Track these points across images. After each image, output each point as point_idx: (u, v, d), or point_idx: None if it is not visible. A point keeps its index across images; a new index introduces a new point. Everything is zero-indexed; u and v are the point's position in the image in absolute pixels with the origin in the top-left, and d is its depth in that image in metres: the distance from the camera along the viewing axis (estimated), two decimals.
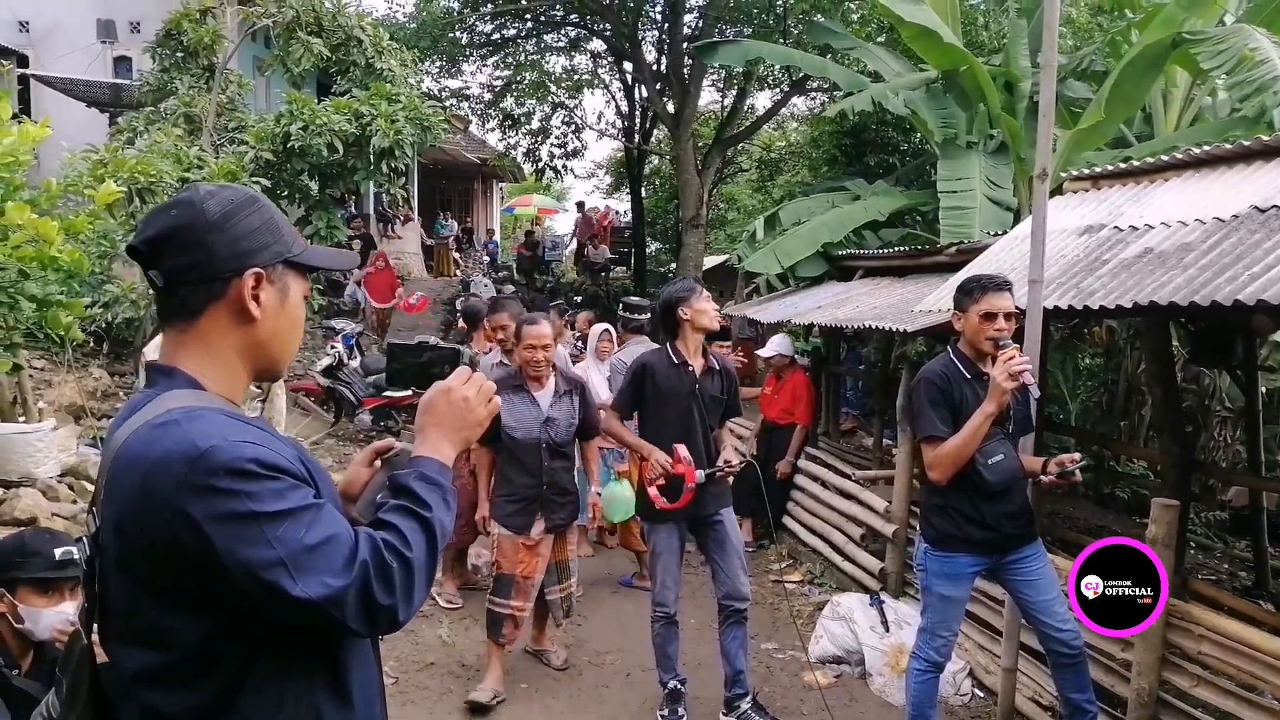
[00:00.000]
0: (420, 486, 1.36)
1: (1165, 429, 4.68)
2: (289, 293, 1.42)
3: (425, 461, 1.41)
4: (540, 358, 4.19)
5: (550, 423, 4.26)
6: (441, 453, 1.44)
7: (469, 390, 1.49)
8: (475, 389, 1.49)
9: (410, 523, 1.31)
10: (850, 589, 5.77)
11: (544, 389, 4.31)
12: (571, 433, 4.35)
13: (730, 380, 4.21)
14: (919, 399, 3.40)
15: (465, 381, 1.49)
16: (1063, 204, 5.02)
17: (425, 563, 1.29)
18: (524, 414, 4.24)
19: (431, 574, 1.32)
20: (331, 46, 6.83)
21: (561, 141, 19.88)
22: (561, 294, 18.31)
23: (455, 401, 1.47)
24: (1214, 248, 3.57)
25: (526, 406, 4.25)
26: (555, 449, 4.29)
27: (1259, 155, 4.09)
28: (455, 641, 5.13)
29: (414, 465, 1.41)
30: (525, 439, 4.23)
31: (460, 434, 1.48)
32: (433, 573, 1.33)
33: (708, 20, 15.47)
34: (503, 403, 3.79)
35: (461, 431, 1.48)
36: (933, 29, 8.22)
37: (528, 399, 4.26)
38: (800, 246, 8.26)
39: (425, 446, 1.44)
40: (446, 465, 1.43)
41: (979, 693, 4.53)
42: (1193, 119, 9.15)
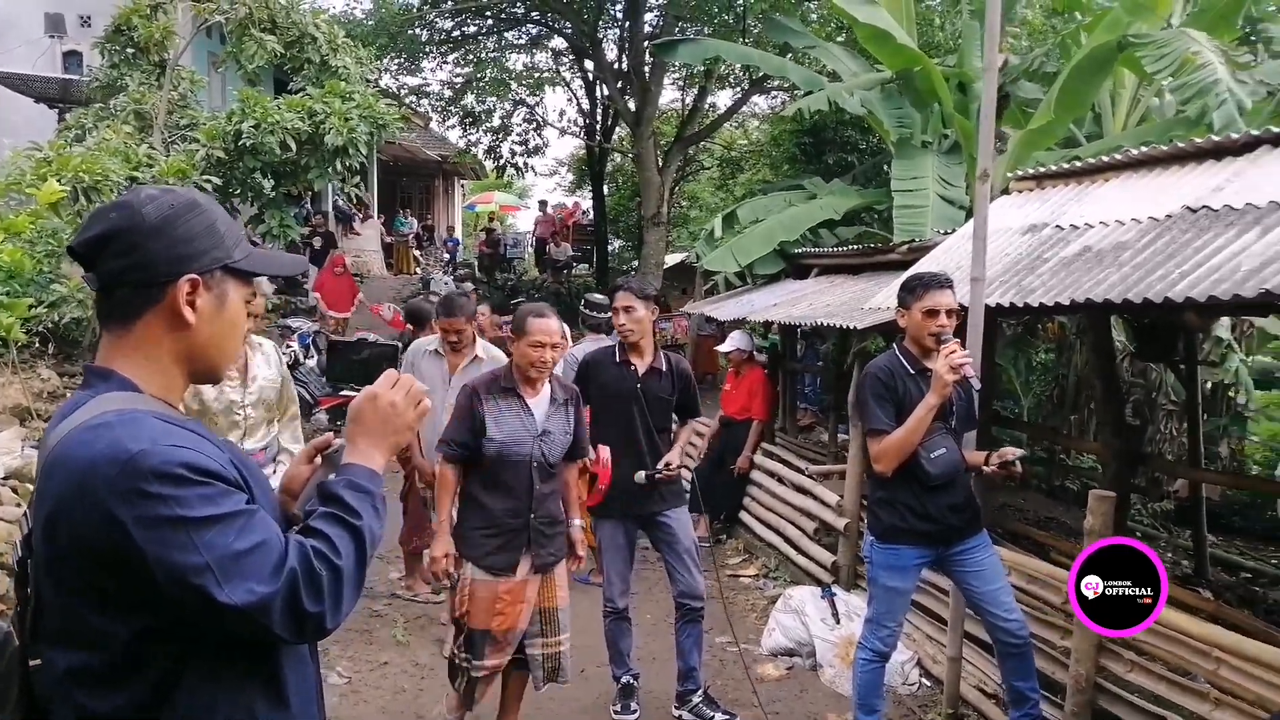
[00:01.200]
0: (349, 494, 1.36)
1: (1107, 423, 4.81)
2: (228, 298, 1.42)
3: (355, 469, 1.42)
4: (549, 358, 3.43)
5: (545, 437, 3.48)
6: (371, 460, 1.44)
7: (396, 395, 1.48)
8: (403, 393, 1.49)
9: (340, 530, 1.32)
10: (804, 582, 5.85)
11: (538, 395, 3.53)
12: (565, 450, 3.60)
13: (683, 380, 4.20)
14: (864, 394, 3.48)
15: (392, 385, 1.49)
16: (1008, 203, 5.14)
17: (354, 570, 1.30)
18: (513, 424, 3.44)
19: (361, 581, 1.33)
20: (285, 44, 6.76)
21: (523, 139, 19.80)
22: (523, 291, 18.27)
23: (382, 407, 1.47)
24: (1148, 246, 3.68)
25: (517, 415, 3.46)
26: (547, 469, 3.51)
27: (1192, 157, 4.22)
28: (409, 641, 5.13)
29: (343, 473, 1.41)
30: (513, 455, 3.42)
31: (390, 439, 1.48)
32: (362, 580, 1.33)
33: (668, 19, 15.51)
34: (488, 409, 3.41)
35: (391, 437, 1.48)
36: (887, 30, 8.33)
37: (519, 406, 3.47)
38: (757, 245, 8.33)
39: (355, 454, 1.44)
40: (377, 472, 1.43)
41: (926, 682, 4.63)
42: (1140, 119, 9.36)
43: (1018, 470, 3.51)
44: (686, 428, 4.33)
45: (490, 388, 3.51)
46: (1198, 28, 7.73)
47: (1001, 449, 3.49)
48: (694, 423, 4.45)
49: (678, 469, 4.00)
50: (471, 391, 3.49)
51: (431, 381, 4.80)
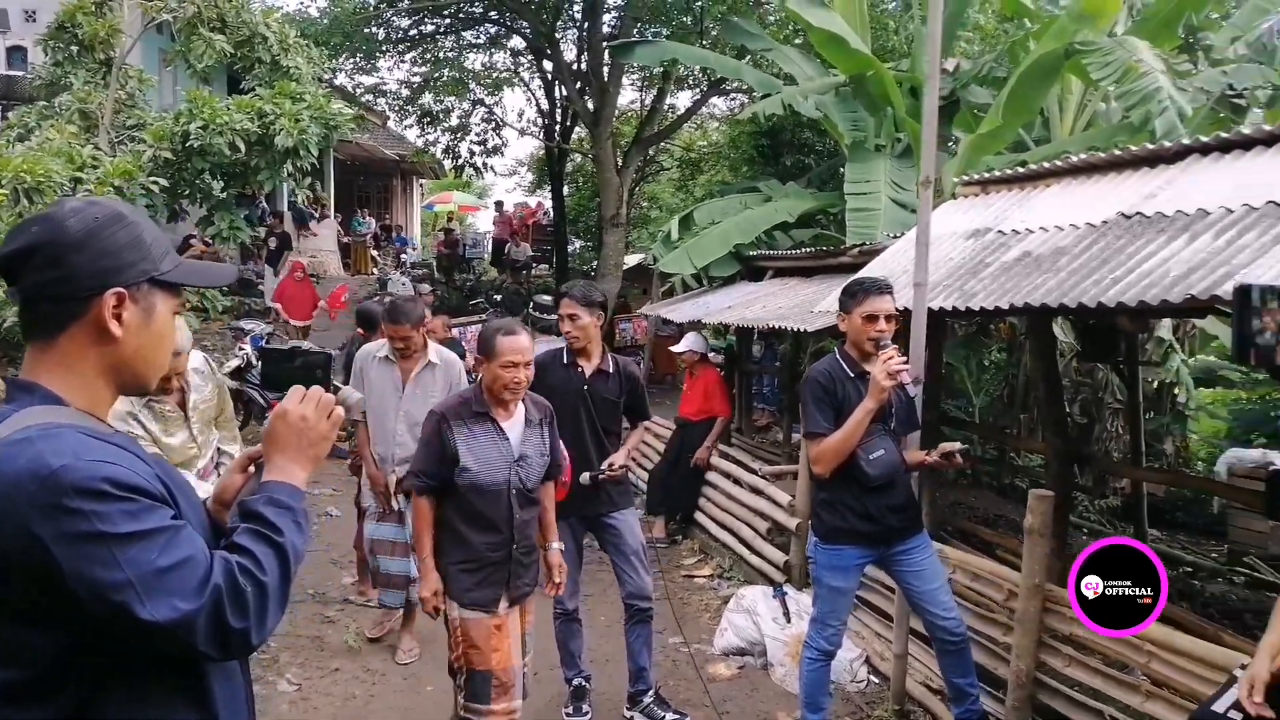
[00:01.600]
0: (270, 511, 1.37)
1: (1050, 423, 4.92)
2: (155, 310, 1.41)
3: (274, 486, 1.42)
4: (523, 379, 3.22)
5: (522, 462, 3.30)
6: (291, 476, 1.45)
7: (306, 409, 1.49)
8: (313, 405, 1.50)
9: (263, 547, 1.33)
10: (758, 582, 5.90)
11: (512, 418, 3.33)
12: (543, 474, 3.43)
13: (630, 382, 4.22)
14: (804, 397, 3.53)
15: (301, 400, 1.50)
16: (953, 208, 5.23)
17: (279, 586, 1.31)
18: (488, 451, 3.25)
19: (285, 597, 1.34)
20: (235, 43, 6.66)
21: (482, 139, 19.72)
22: (481, 292, 18.19)
23: (294, 423, 1.48)
24: (1085, 251, 3.77)
25: (492, 441, 3.26)
26: (526, 495, 3.32)
27: (1128, 165, 4.34)
28: (361, 647, 5.10)
29: (263, 491, 1.42)
30: (490, 484, 3.23)
31: (307, 453, 1.48)
32: (286, 596, 1.34)
33: (626, 20, 15.52)
34: (459, 436, 3.20)
35: (308, 450, 1.49)
36: (840, 35, 8.43)
37: (493, 431, 3.27)
38: (713, 247, 8.40)
39: (274, 471, 1.45)
40: (297, 488, 1.44)
41: (874, 679, 4.70)
42: (1086, 124, 9.57)
43: (959, 461, 3.60)
44: (637, 431, 4.36)
45: (460, 412, 3.28)
46: (1140, 36, 7.92)
47: (943, 444, 3.58)
48: (644, 425, 4.47)
49: (620, 469, 4.03)
50: (440, 418, 3.26)
51: (383, 388, 4.75)
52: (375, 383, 4.77)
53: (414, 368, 4.76)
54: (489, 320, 5.17)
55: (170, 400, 3.64)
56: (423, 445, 3.34)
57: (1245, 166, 3.72)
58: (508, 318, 4.07)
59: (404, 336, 4.65)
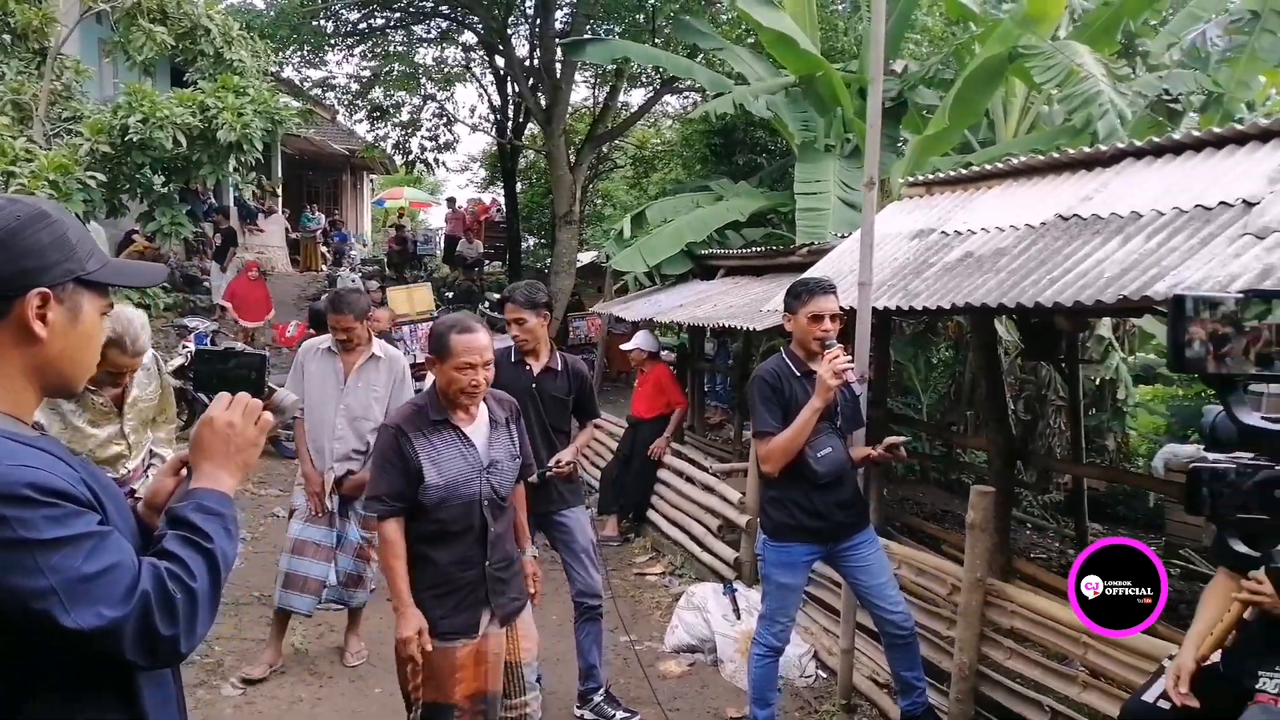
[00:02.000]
0: (199, 517, 1.36)
1: (991, 420, 5.02)
2: (81, 311, 1.38)
3: (202, 493, 1.42)
4: (481, 380, 2.87)
5: (493, 469, 2.96)
6: (219, 482, 1.45)
7: (233, 415, 1.49)
8: (240, 412, 1.50)
9: (193, 553, 1.31)
10: (709, 579, 5.94)
11: (475, 421, 3.00)
12: (515, 475, 3.11)
13: (578, 380, 4.25)
14: (752, 397, 3.57)
15: (227, 406, 1.50)
16: (899, 209, 5.31)
17: (209, 593, 1.30)
18: (453, 462, 2.90)
19: (215, 604, 1.33)
20: (177, 35, 6.50)
21: (433, 134, 19.53)
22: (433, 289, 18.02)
23: (220, 430, 1.48)
24: (1024, 252, 3.86)
25: (457, 451, 2.92)
26: (499, 505, 3.00)
27: (1066, 167, 4.44)
28: (308, 649, 5.03)
29: (191, 498, 1.41)
30: (458, 498, 2.89)
31: (235, 459, 1.48)
32: (216, 603, 1.33)
33: (578, 17, 15.48)
34: (421, 449, 2.84)
35: (236, 456, 1.48)
36: (790, 35, 8.50)
37: (456, 439, 2.92)
38: (665, 245, 8.43)
39: (201, 479, 1.45)
40: (226, 495, 1.44)
41: (822, 674, 4.76)
42: (1030, 126, 9.77)
43: (903, 454, 3.67)
44: (586, 429, 4.38)
45: (416, 422, 2.90)
46: (1080, 41, 8.11)
47: (888, 438, 3.64)
48: (593, 424, 4.49)
49: (568, 465, 4.05)
50: (395, 431, 2.89)
51: (324, 380, 4.64)
52: (315, 375, 4.65)
53: (357, 360, 4.66)
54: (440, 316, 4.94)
55: (106, 393, 3.51)
56: (380, 465, 2.94)
57: (1176, 170, 3.83)
58: (462, 312, 3.80)
59: (347, 328, 4.55)
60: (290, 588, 4.62)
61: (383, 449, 2.94)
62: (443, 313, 14.41)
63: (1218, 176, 3.52)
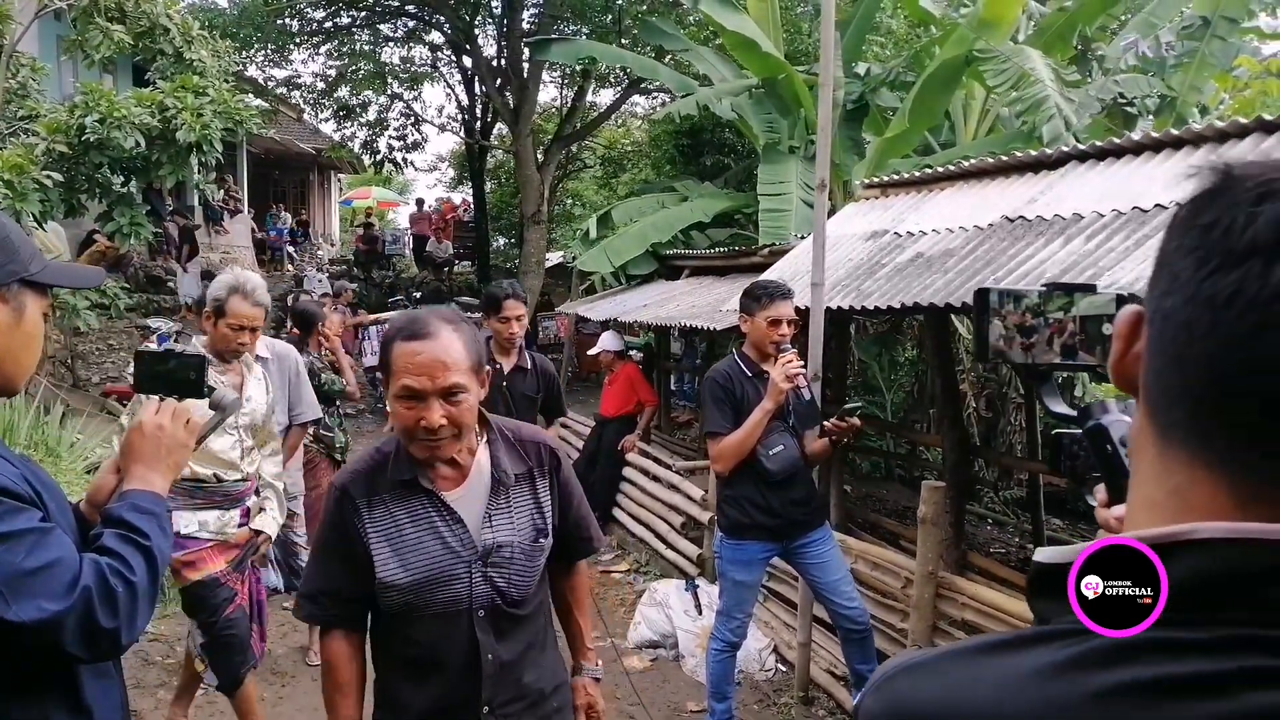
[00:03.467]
0: (134, 516, 1.41)
1: (946, 416, 5.13)
2: (25, 311, 1.42)
3: (135, 494, 1.47)
4: (437, 419, 1.75)
5: (497, 556, 1.88)
6: (151, 484, 1.50)
7: (161, 419, 1.55)
8: (168, 415, 1.56)
9: (131, 550, 1.36)
10: (673, 575, 6.00)
11: (463, 485, 1.91)
12: (538, 567, 1.96)
13: (547, 380, 4.35)
14: (705, 397, 3.63)
15: (155, 412, 1.55)
16: (855, 210, 5.41)
17: (148, 588, 1.36)
18: (424, 546, 1.85)
19: (153, 599, 1.38)
20: (135, 34, 6.45)
21: (401, 134, 19.45)
22: (402, 289, 17.96)
23: (150, 433, 1.53)
24: (971, 253, 3.96)
25: (429, 527, 1.87)
26: (506, 614, 1.91)
27: (1014, 170, 4.56)
28: (270, 648, 5.02)
29: (125, 499, 1.46)
30: (434, 603, 1.86)
31: (165, 461, 1.54)
32: (154, 598, 1.39)
33: (545, 17, 15.49)
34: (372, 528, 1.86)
35: (166, 458, 1.54)
36: (752, 38, 8.59)
37: (430, 510, 1.88)
38: (630, 246, 8.49)
39: (134, 481, 1.50)
40: (159, 495, 1.49)
41: (781, 667, 4.84)
42: (989, 128, 9.94)
43: (856, 422, 3.63)
44: (553, 428, 4.46)
45: (370, 484, 1.89)
46: (1037, 46, 8.28)
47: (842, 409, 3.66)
48: (559, 423, 4.57)
49: None
50: (339, 495, 1.92)
51: None
52: None
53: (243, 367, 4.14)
54: None
55: (228, 370, 3.31)
56: (317, 546, 2.03)
57: (1117, 174, 3.95)
58: (423, 308, 2.92)
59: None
60: None
61: (322, 522, 2.01)
62: None
63: (1155, 180, 3.63)
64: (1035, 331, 1.08)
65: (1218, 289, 0.53)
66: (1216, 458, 0.55)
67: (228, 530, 3.41)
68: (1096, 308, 1.09)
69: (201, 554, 3.35)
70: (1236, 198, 0.55)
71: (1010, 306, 1.08)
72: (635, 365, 7.70)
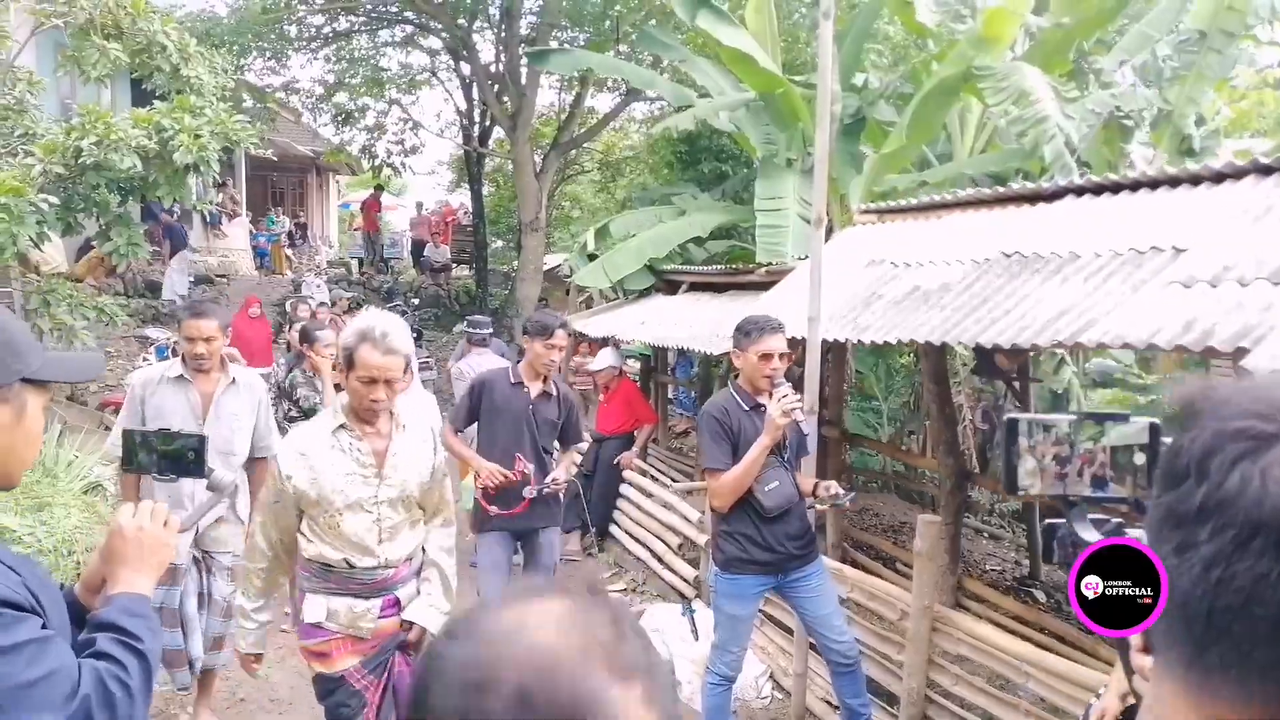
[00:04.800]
0: (126, 620, 1.42)
1: (943, 444, 5.14)
2: (26, 409, 1.44)
3: (122, 598, 1.47)
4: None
5: None
6: (136, 586, 1.51)
7: (140, 519, 1.56)
8: (146, 515, 1.56)
9: (127, 654, 1.38)
10: (669, 596, 6.01)
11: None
12: None
13: (568, 407, 4.50)
14: (702, 433, 3.64)
15: (134, 514, 1.56)
16: (852, 236, 5.41)
17: (144, 690, 1.38)
18: None
19: (148, 700, 1.40)
20: (132, 51, 6.43)
21: (399, 138, 19.43)
22: (399, 294, 17.92)
23: (130, 536, 1.54)
24: (967, 289, 3.96)
25: None
26: None
27: (1011, 200, 4.57)
28: (269, 675, 5.02)
29: (113, 603, 1.46)
30: None
31: (150, 561, 1.54)
32: (149, 699, 1.41)
33: (543, 25, 15.45)
34: None
35: (150, 559, 1.54)
36: (749, 53, 8.58)
37: None
38: (628, 261, 8.49)
39: (119, 585, 1.50)
40: (145, 596, 1.50)
41: (778, 695, 4.84)
42: (986, 142, 9.93)
43: (844, 505, 3.70)
44: (569, 453, 4.60)
45: None
46: (1034, 61, 8.27)
47: (828, 483, 3.67)
48: (574, 448, 4.73)
49: (563, 484, 4.29)
50: None
51: (174, 416, 3.78)
52: (164, 411, 3.79)
53: (214, 389, 3.91)
54: None
55: (366, 434, 2.79)
56: None
57: (1114, 210, 3.95)
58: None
59: (209, 338, 3.77)
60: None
61: None
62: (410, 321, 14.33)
63: (1152, 219, 3.64)
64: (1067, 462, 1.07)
65: None
66: None
67: (362, 624, 2.84)
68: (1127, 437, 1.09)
69: (330, 644, 2.85)
70: None
71: (1040, 436, 1.08)
72: (633, 382, 7.70)
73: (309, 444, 2.79)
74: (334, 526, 2.78)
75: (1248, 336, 2.59)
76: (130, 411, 3.91)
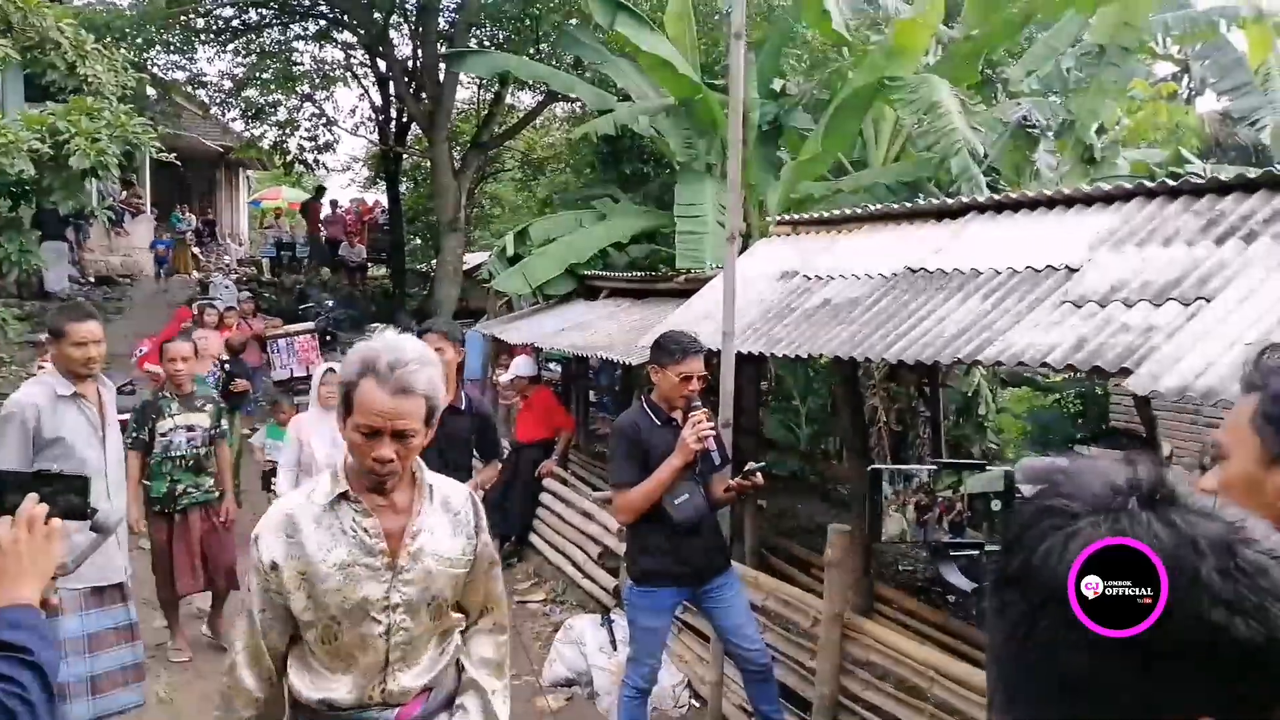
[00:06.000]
0: (13, 634, 1.39)
1: (853, 449, 5.25)
2: None
3: (7, 612, 1.44)
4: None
5: None
6: (20, 598, 1.47)
7: (19, 533, 1.51)
8: (24, 528, 1.52)
9: (19, 669, 1.35)
10: (590, 605, 6.02)
11: None
12: None
13: (482, 420, 4.38)
14: (612, 448, 3.67)
15: (11, 527, 1.51)
16: (767, 247, 5.50)
17: (45, 701, 1.36)
18: None
19: (53, 711, 1.38)
20: (23, 48, 6.13)
21: (312, 134, 18.93)
22: (312, 295, 17.50)
23: (9, 550, 1.50)
24: (875, 304, 4.06)
25: None
26: None
27: (920, 216, 4.69)
28: (174, 699, 4.88)
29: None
30: None
31: (31, 573, 1.50)
32: (53, 710, 1.38)
33: (460, 23, 15.22)
34: None
35: (31, 570, 1.50)
36: (668, 59, 8.62)
37: None
38: (548, 267, 8.46)
39: (1, 600, 1.46)
40: (30, 606, 1.46)
41: (695, 703, 4.90)
42: (900, 149, 10.19)
43: (760, 480, 3.69)
44: (490, 467, 4.47)
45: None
46: (944, 72, 8.51)
47: (748, 465, 3.70)
48: (495, 463, 4.60)
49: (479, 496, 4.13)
50: None
51: (75, 438, 3.55)
52: (67, 437, 3.50)
53: (100, 397, 3.68)
54: None
55: (375, 506, 2.00)
56: None
57: (1014, 228, 4.10)
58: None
59: (99, 339, 3.53)
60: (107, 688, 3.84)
61: None
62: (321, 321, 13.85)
63: (1049, 238, 3.78)
64: (928, 510, 1.12)
65: None
66: None
67: None
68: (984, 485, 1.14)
69: None
70: None
71: (901, 485, 1.12)
72: (549, 389, 7.68)
73: (296, 519, 1.98)
74: (330, 640, 1.98)
75: (1131, 357, 2.72)
76: (19, 441, 3.44)
